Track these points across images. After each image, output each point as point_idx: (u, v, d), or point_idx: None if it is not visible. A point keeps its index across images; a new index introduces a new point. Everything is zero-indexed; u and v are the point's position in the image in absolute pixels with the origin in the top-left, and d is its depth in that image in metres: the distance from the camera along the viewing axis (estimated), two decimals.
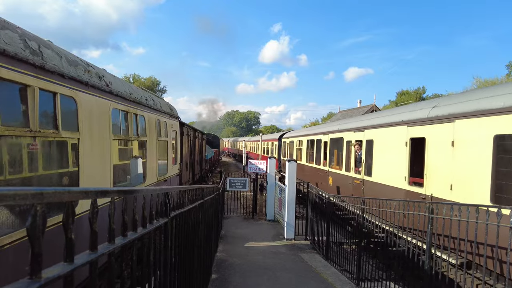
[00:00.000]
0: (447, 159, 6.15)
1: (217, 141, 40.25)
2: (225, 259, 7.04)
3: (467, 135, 5.72)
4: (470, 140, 5.65)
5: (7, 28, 2.92)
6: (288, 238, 9.09)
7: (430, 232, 4.51)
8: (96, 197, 1.12)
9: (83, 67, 4.21)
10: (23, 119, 3.04)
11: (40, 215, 0.79)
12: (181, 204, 2.85)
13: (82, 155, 3.95)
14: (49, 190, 0.84)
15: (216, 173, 27.81)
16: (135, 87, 6.99)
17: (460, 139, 5.88)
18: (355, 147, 10.37)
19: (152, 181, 7.07)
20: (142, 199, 1.75)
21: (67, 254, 0.93)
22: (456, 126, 5.97)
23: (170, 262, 2.43)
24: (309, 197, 9.31)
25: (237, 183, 11.95)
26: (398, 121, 8.00)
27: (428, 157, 6.73)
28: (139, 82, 56.68)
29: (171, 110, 9.70)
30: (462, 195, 5.71)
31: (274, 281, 5.95)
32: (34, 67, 3.11)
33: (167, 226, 2.29)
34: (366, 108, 24.71)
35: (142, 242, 1.81)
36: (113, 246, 1.25)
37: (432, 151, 6.65)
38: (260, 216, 12.09)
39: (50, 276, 0.81)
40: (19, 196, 0.72)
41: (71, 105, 3.82)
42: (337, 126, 12.53)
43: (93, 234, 1.12)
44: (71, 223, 0.94)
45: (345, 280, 6.24)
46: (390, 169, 8.25)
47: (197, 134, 17.83)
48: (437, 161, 6.46)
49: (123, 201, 1.45)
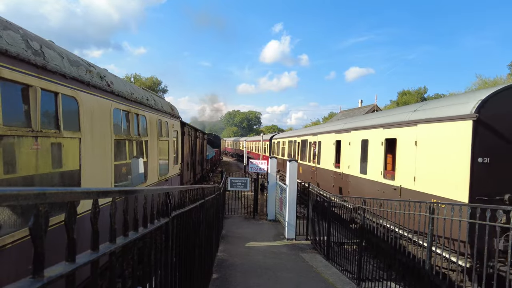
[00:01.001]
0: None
1: (218, 141, 40.30)
2: (226, 259, 7.05)
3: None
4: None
5: (9, 28, 2.93)
6: (289, 238, 9.09)
7: (430, 232, 4.50)
8: (98, 197, 1.13)
9: (85, 67, 4.22)
10: (25, 119, 3.06)
11: (42, 215, 0.80)
12: (182, 204, 2.86)
13: (83, 155, 3.96)
14: (51, 190, 0.84)
15: (217, 173, 27.83)
16: (136, 87, 7.00)
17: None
18: (312, 146, 15.42)
19: (153, 181, 7.09)
20: (143, 199, 1.76)
21: (69, 254, 0.94)
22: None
23: (171, 262, 2.44)
24: (310, 197, 9.32)
25: (238, 183, 11.96)
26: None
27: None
28: (140, 82, 56.74)
29: (172, 110, 9.72)
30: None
31: (275, 281, 5.96)
32: (36, 67, 3.13)
33: (168, 225, 2.30)
34: (367, 108, 24.69)
35: (144, 242, 1.82)
36: (114, 245, 1.26)
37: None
38: (261, 216, 12.10)
39: (53, 275, 0.82)
40: (21, 196, 0.73)
41: (73, 105, 3.84)
42: (304, 131, 18.94)
43: (95, 233, 1.13)
44: (73, 223, 0.95)
45: (346, 280, 6.24)
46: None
47: (198, 134, 17.85)
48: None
49: (124, 201, 1.46)
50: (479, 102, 5.95)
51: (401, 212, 5.20)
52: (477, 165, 5.85)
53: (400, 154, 8.11)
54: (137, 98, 6.18)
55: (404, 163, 7.89)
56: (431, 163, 6.97)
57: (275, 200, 11.65)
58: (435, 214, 4.53)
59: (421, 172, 7.23)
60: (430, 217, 4.53)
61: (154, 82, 61.69)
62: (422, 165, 7.22)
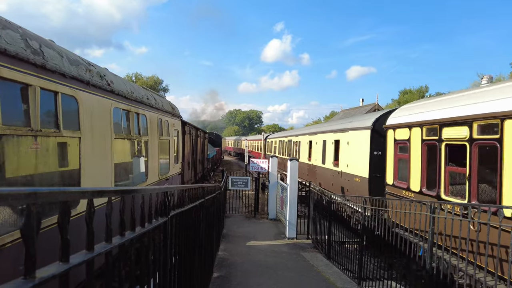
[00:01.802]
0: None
1: (219, 140, 40.29)
2: (227, 258, 7.05)
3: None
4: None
5: (8, 27, 2.93)
6: (290, 237, 9.09)
7: (431, 231, 4.49)
8: (93, 197, 1.12)
9: (85, 66, 4.22)
10: (25, 119, 3.05)
11: (34, 215, 0.79)
12: (181, 203, 2.86)
13: (83, 154, 3.96)
14: (43, 190, 0.84)
15: (218, 172, 27.83)
16: (137, 86, 7.00)
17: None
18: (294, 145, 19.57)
19: (153, 180, 7.09)
20: (141, 198, 1.75)
21: (63, 254, 0.93)
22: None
23: (170, 261, 2.43)
24: (311, 196, 9.30)
25: (239, 182, 11.95)
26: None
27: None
28: (142, 81, 56.79)
29: (173, 109, 9.72)
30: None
31: (276, 280, 5.95)
32: (35, 66, 3.12)
33: (167, 225, 2.29)
34: (369, 107, 24.65)
35: (141, 242, 1.81)
36: (110, 245, 1.25)
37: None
38: (262, 215, 12.10)
39: (45, 275, 0.81)
40: (12, 196, 0.72)
41: (72, 104, 3.83)
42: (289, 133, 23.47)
43: (90, 233, 1.12)
44: (67, 223, 0.94)
45: (347, 279, 6.23)
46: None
47: (199, 133, 17.85)
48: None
49: (121, 200, 1.45)
50: (373, 120, 9.90)
51: (402, 212, 5.18)
52: (373, 156, 9.60)
53: (341, 150, 12.08)
54: (138, 97, 6.17)
55: (343, 156, 11.81)
56: (355, 155, 10.73)
57: (276, 199, 11.64)
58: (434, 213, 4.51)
59: (351, 161, 11.01)
60: (431, 216, 4.51)
61: (155, 82, 61.73)
62: (351, 157, 11.01)
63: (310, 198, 9.41)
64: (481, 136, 5.12)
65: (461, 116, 5.53)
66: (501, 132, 4.67)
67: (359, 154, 10.23)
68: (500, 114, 4.73)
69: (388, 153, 8.18)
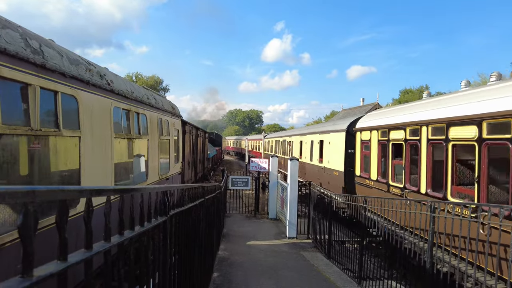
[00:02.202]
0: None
1: (219, 139, 40.28)
2: (227, 258, 7.05)
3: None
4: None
5: (8, 27, 2.93)
6: (290, 236, 9.09)
7: (431, 231, 4.48)
8: (91, 196, 1.12)
9: (84, 66, 4.22)
10: (24, 118, 3.05)
11: (31, 214, 0.79)
12: (181, 202, 2.86)
13: (83, 154, 3.96)
14: (41, 188, 0.83)
15: (218, 171, 27.84)
16: (137, 85, 7.00)
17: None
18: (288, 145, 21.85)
19: (154, 180, 7.09)
20: (140, 197, 1.75)
21: (61, 253, 0.93)
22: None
23: (170, 261, 2.43)
24: (311, 195, 9.30)
25: (239, 182, 11.95)
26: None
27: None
28: (142, 81, 56.77)
29: (173, 109, 9.72)
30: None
31: (276, 279, 5.95)
32: (35, 66, 3.12)
33: (166, 224, 2.29)
34: (369, 106, 24.64)
35: (141, 241, 1.81)
36: (108, 244, 1.25)
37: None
38: (262, 214, 12.10)
39: (42, 274, 0.81)
40: (9, 195, 0.72)
41: (72, 104, 3.83)
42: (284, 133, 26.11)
43: (88, 233, 1.12)
44: (65, 222, 0.94)
45: (347, 279, 6.23)
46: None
47: (200, 133, 17.85)
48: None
49: (120, 199, 1.45)
50: (348, 124, 12.01)
51: (402, 211, 5.19)
52: (347, 153, 11.68)
53: (324, 149, 14.27)
54: (138, 96, 6.17)
55: (326, 154, 14.01)
56: (334, 153, 12.90)
57: (276, 198, 11.64)
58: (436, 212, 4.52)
59: (331, 158, 13.20)
60: (431, 216, 4.50)
61: (155, 81, 61.71)
62: (332, 154, 13.20)
63: (310, 198, 9.41)
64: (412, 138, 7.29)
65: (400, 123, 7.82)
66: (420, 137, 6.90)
67: (337, 152, 12.51)
68: (421, 122, 6.91)
69: (357, 151, 10.37)
